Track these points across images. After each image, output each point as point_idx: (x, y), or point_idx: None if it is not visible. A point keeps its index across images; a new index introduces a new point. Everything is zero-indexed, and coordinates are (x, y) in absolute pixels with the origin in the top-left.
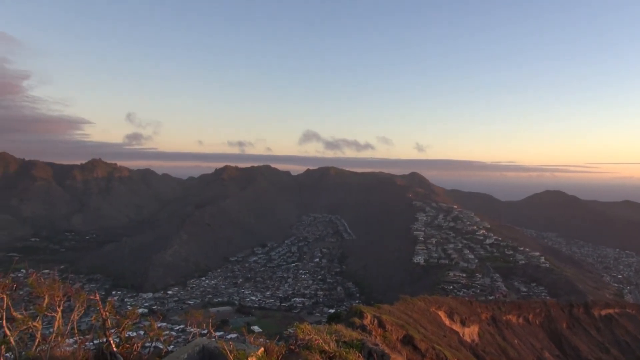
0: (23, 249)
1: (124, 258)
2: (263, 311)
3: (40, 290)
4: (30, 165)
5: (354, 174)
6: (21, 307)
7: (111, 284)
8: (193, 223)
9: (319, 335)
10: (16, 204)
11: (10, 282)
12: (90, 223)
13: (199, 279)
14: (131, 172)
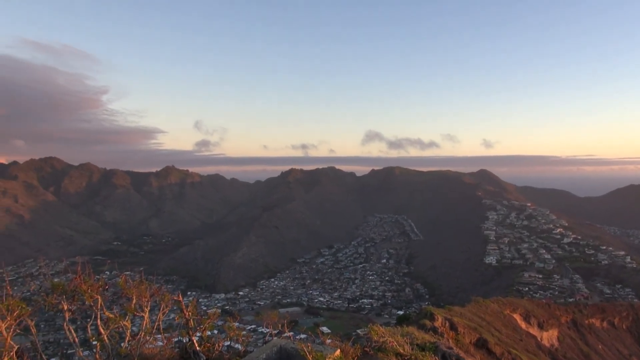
0: (107, 252)
1: (197, 260)
2: (331, 312)
3: (129, 291)
4: (111, 174)
5: (419, 173)
6: (112, 307)
7: (186, 285)
8: (261, 225)
9: (393, 337)
10: (100, 210)
11: (103, 283)
12: (166, 227)
13: (268, 280)
14: (202, 178)
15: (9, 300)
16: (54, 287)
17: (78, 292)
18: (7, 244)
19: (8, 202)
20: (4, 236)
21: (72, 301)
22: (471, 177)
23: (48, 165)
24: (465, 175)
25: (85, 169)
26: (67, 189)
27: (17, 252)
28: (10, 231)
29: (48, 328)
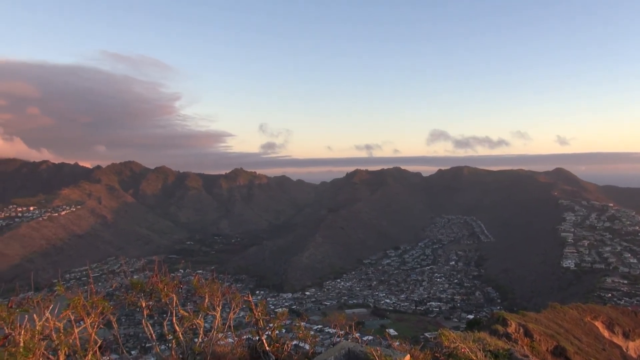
0: (181, 251)
1: (265, 260)
2: (398, 314)
3: (202, 290)
4: (184, 177)
5: (488, 173)
6: (186, 305)
7: (255, 284)
8: (327, 226)
9: (464, 343)
10: (174, 211)
11: (178, 282)
12: (235, 227)
13: (334, 281)
14: (269, 179)
15: (93, 297)
16: (133, 285)
17: (155, 290)
18: (92, 242)
19: (93, 203)
20: (89, 235)
21: (149, 299)
22: (546, 176)
23: (127, 169)
24: (539, 174)
25: (160, 171)
26: (144, 191)
27: (101, 250)
28: (94, 231)
29: (128, 322)
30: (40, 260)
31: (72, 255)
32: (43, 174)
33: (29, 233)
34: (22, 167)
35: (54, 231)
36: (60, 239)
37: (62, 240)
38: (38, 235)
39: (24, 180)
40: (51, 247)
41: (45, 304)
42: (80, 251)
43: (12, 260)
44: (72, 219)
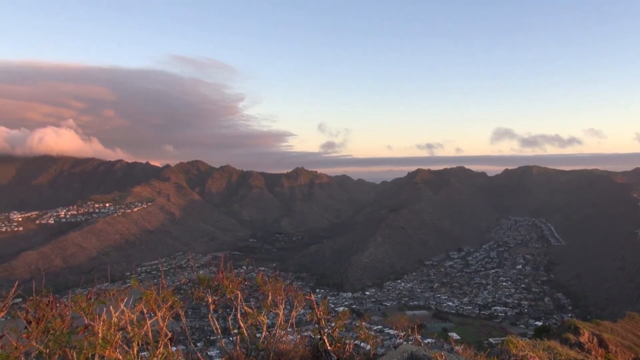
0: (243, 248)
1: (326, 259)
2: (461, 318)
3: (266, 288)
4: (248, 175)
5: (559, 173)
6: (250, 301)
7: (315, 282)
8: (388, 226)
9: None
10: (238, 209)
11: (242, 279)
12: (296, 226)
13: (395, 282)
14: (330, 179)
15: (164, 292)
16: (200, 280)
17: (221, 286)
18: (161, 238)
19: (162, 201)
20: (159, 231)
21: (215, 294)
22: (624, 176)
23: (194, 168)
24: (616, 174)
25: (225, 170)
26: (210, 189)
27: (169, 245)
28: (164, 227)
29: (194, 315)
30: (115, 254)
31: (143, 250)
32: (118, 173)
33: (105, 228)
34: (99, 166)
35: (127, 226)
36: (133, 234)
37: (134, 235)
38: (113, 230)
39: (101, 178)
40: (124, 241)
41: (120, 297)
42: (150, 246)
43: (90, 253)
44: (143, 215)
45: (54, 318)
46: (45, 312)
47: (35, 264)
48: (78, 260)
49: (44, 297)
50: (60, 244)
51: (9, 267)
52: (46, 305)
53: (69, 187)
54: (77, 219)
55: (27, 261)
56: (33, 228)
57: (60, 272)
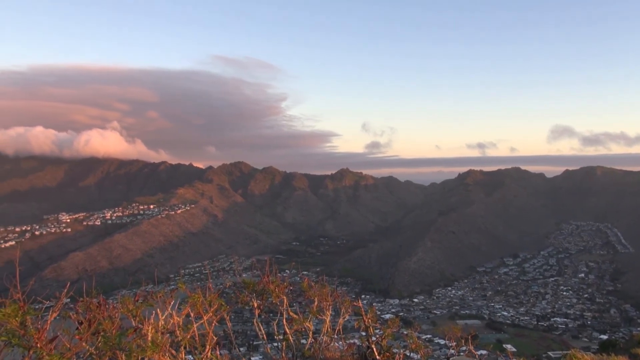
0: (287, 251)
1: (372, 263)
2: (517, 329)
3: (312, 293)
4: (291, 177)
5: (626, 174)
6: (292, 306)
7: (360, 288)
8: (437, 230)
9: None
10: (281, 211)
11: (288, 284)
12: (341, 229)
13: (445, 289)
14: (375, 180)
15: (211, 295)
16: (245, 284)
17: (266, 290)
18: (204, 240)
19: (205, 203)
20: (202, 233)
21: (261, 299)
22: None
23: (237, 169)
24: None
25: (268, 172)
26: (252, 191)
27: (212, 247)
28: (207, 229)
29: (237, 319)
30: (159, 255)
31: (186, 252)
32: (162, 174)
33: (149, 230)
34: (143, 167)
35: (171, 228)
36: (176, 235)
37: (177, 237)
38: (157, 232)
39: (145, 180)
40: (168, 243)
41: (167, 300)
42: (193, 248)
43: (135, 255)
44: (186, 217)
45: (104, 320)
46: (95, 313)
47: (83, 265)
48: (123, 261)
49: (94, 298)
50: (106, 245)
51: (58, 267)
52: (96, 306)
53: (114, 189)
54: (122, 221)
55: (75, 262)
56: (80, 229)
57: (106, 273)
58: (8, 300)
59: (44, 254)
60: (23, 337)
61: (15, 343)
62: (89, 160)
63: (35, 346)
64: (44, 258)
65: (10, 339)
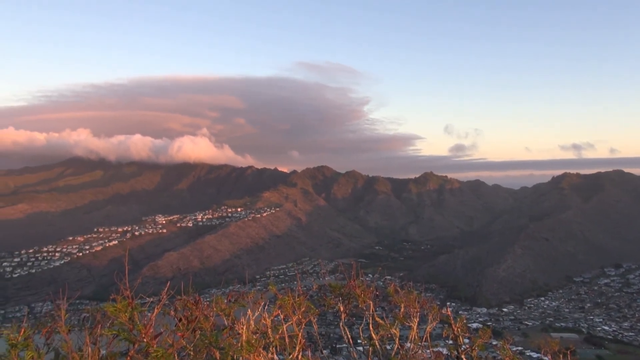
0: (369, 256)
1: (457, 269)
2: (619, 345)
3: (398, 299)
4: (373, 181)
5: None
6: (377, 312)
7: (445, 295)
8: (528, 237)
9: None
10: (363, 215)
11: (374, 288)
12: (425, 233)
13: (537, 299)
14: (461, 184)
15: (299, 297)
16: (332, 288)
17: (352, 295)
18: (288, 242)
19: (290, 206)
20: (286, 236)
21: (347, 303)
22: None
23: (320, 173)
24: None
25: (350, 176)
26: (335, 195)
27: (296, 250)
28: (291, 232)
29: (320, 322)
30: (245, 257)
31: (271, 254)
32: (248, 179)
33: (237, 232)
34: (231, 172)
35: (257, 231)
36: (262, 238)
37: (263, 240)
38: (244, 234)
39: (233, 183)
40: (254, 245)
41: (258, 300)
42: (278, 250)
43: (223, 256)
44: (271, 220)
45: (201, 318)
46: (192, 311)
47: (177, 264)
48: (213, 261)
49: (190, 296)
50: (197, 246)
51: (155, 266)
52: (193, 304)
53: (205, 192)
54: (212, 223)
55: (170, 261)
56: (175, 230)
57: (198, 272)
58: (119, 296)
59: (143, 253)
60: (130, 331)
61: (124, 337)
62: (182, 165)
63: (141, 340)
64: (142, 257)
65: (120, 333)
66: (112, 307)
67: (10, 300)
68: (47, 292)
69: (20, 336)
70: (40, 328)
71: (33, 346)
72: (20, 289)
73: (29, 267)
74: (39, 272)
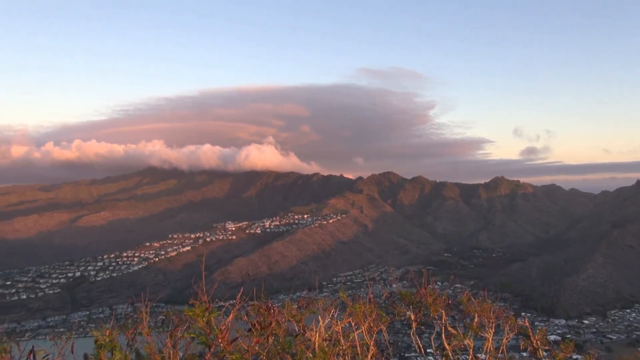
0: (437, 263)
1: (532, 278)
2: None
3: (472, 308)
4: (441, 186)
5: None
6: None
7: (519, 305)
8: (611, 244)
9: None
10: (431, 221)
11: (447, 297)
12: (496, 240)
13: (622, 311)
14: (535, 189)
15: (370, 305)
16: (402, 296)
17: (423, 303)
18: (355, 249)
19: (356, 212)
20: (352, 242)
21: (418, 311)
22: None
23: (386, 180)
24: None
25: (417, 182)
26: (401, 201)
27: (363, 257)
28: (357, 238)
29: (388, 329)
30: (312, 263)
31: (338, 260)
32: (314, 186)
33: (303, 238)
34: (298, 179)
35: (323, 237)
36: (328, 244)
37: (329, 246)
38: (310, 240)
39: (299, 190)
40: (321, 251)
41: (329, 307)
42: (344, 257)
43: (290, 262)
44: (338, 226)
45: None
46: (265, 317)
47: (246, 270)
48: (281, 267)
49: (262, 302)
50: (265, 252)
51: (225, 271)
52: (266, 310)
53: (272, 199)
54: (279, 229)
55: (239, 267)
56: (244, 237)
57: (266, 277)
58: (197, 301)
59: (214, 259)
60: (207, 335)
61: (201, 341)
62: (249, 173)
63: (218, 344)
64: (213, 262)
65: (197, 337)
66: (190, 312)
67: (95, 302)
68: (127, 294)
69: (106, 337)
70: (124, 330)
71: (119, 347)
72: (103, 291)
73: (111, 271)
74: (119, 276)
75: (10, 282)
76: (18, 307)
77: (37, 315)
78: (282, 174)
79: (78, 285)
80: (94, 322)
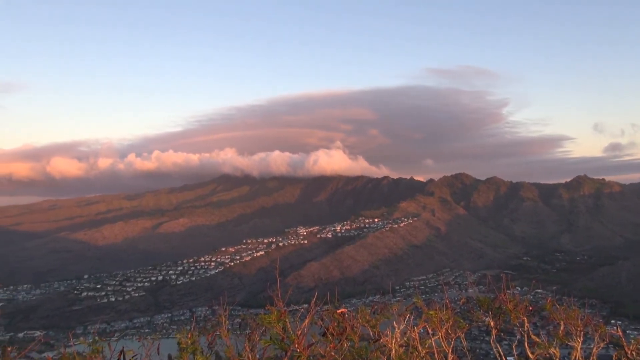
0: (516, 267)
1: (622, 283)
2: None
3: (557, 315)
4: (518, 187)
5: None
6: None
7: (608, 312)
8: None
9: None
10: (507, 223)
11: (528, 303)
12: (580, 243)
13: None
14: (623, 187)
15: (447, 311)
16: (480, 302)
17: (503, 310)
18: (427, 253)
19: (427, 215)
20: (425, 246)
21: (497, 318)
22: None
23: (458, 181)
24: None
25: (491, 182)
26: (475, 203)
27: (436, 261)
28: (429, 242)
29: (465, 335)
30: (384, 267)
31: (410, 265)
32: (384, 189)
33: (374, 242)
34: (367, 183)
35: (395, 241)
36: (400, 248)
37: (401, 250)
38: (382, 244)
39: (369, 194)
40: (392, 255)
41: (404, 313)
42: (417, 260)
43: (362, 266)
44: (409, 230)
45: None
46: (339, 322)
47: (318, 274)
48: (352, 272)
49: (336, 307)
50: (337, 256)
51: (298, 275)
52: (340, 315)
53: (342, 204)
54: (350, 234)
55: (312, 271)
56: (315, 241)
57: (338, 282)
58: (273, 307)
59: (287, 263)
60: (283, 340)
61: (278, 346)
62: (319, 178)
63: (294, 349)
64: (286, 266)
65: (273, 342)
66: (266, 318)
67: (176, 304)
68: (205, 298)
69: (188, 340)
70: (205, 333)
71: (200, 349)
72: (183, 294)
73: (190, 275)
74: (198, 280)
75: (100, 286)
76: (108, 309)
77: (124, 316)
78: (352, 178)
79: (161, 289)
80: (175, 323)
